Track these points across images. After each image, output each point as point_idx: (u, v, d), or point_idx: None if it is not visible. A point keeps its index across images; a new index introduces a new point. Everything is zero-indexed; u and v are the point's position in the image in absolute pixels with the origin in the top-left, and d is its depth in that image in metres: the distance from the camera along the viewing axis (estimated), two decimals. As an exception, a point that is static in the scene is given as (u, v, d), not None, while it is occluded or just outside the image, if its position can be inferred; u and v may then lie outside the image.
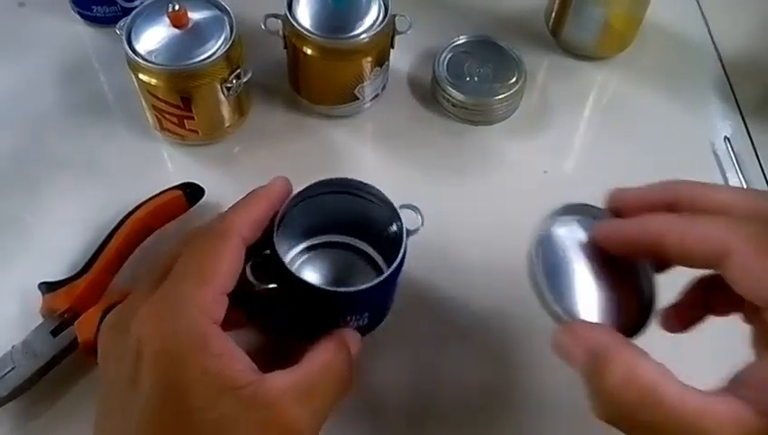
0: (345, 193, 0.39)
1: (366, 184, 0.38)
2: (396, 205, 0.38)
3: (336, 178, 0.38)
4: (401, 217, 0.37)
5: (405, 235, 0.37)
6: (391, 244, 0.37)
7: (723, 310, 0.32)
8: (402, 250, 0.36)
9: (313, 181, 0.37)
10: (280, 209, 0.36)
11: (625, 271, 0.32)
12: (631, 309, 0.32)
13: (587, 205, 0.33)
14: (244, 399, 0.29)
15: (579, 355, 0.27)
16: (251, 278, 0.33)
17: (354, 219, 0.41)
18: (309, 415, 0.30)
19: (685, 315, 0.33)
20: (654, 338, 0.30)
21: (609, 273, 0.32)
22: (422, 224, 0.38)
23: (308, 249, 0.43)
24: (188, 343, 0.29)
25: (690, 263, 0.28)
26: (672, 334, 0.33)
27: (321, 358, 0.33)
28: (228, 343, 0.30)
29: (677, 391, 0.25)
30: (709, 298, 0.33)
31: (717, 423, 0.24)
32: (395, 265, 0.36)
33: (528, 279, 0.31)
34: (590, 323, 0.30)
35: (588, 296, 0.31)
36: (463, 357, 0.42)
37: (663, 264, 0.32)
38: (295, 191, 0.37)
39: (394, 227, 0.38)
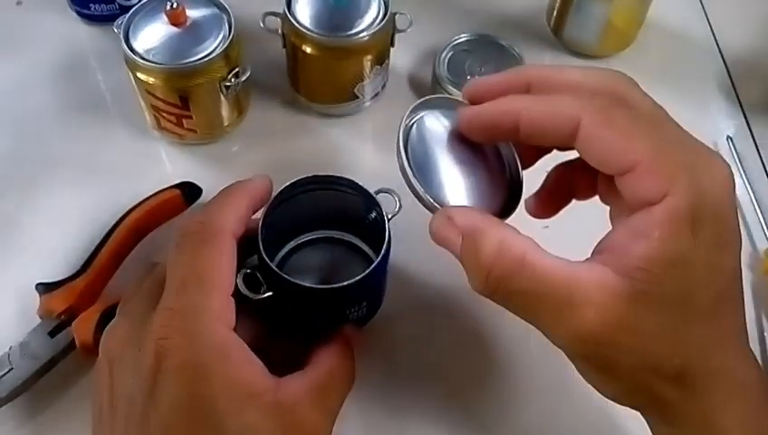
0: (320, 189, 0.39)
1: (338, 176, 0.39)
2: (371, 191, 0.38)
3: (308, 177, 0.38)
4: (379, 203, 0.38)
5: (386, 220, 0.37)
6: (374, 231, 0.38)
7: (584, 193, 0.34)
8: (387, 235, 0.37)
9: (285, 184, 0.37)
10: (261, 217, 0.36)
11: (490, 156, 0.33)
12: (500, 192, 0.33)
13: (447, 97, 0.34)
14: (267, 405, 0.29)
15: (454, 238, 0.29)
16: (244, 291, 0.33)
17: (333, 213, 0.41)
18: (324, 417, 0.32)
19: (550, 201, 0.35)
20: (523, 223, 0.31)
21: (475, 159, 0.33)
22: (399, 206, 0.38)
23: (293, 250, 0.43)
24: (211, 354, 0.29)
25: (545, 139, 0.29)
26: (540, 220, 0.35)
27: (330, 360, 0.34)
28: (246, 349, 0.30)
29: (546, 261, 0.27)
30: (571, 182, 0.34)
31: (584, 286, 0.26)
32: (383, 251, 0.37)
33: (401, 176, 0.32)
34: (462, 207, 0.31)
35: (457, 184, 0.32)
36: (457, 338, 0.42)
37: (527, 150, 0.33)
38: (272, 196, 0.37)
39: (374, 214, 0.39)
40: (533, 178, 0.35)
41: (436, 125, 0.33)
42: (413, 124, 0.33)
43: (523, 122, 0.29)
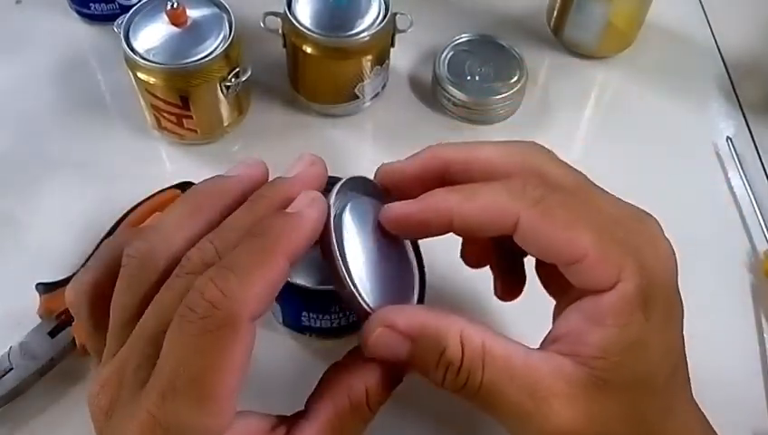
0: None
1: (338, 178, 0.38)
2: None
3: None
4: None
5: None
6: None
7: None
8: None
9: None
10: None
11: (402, 245, 0.32)
12: (413, 282, 0.32)
13: (366, 179, 0.31)
14: None
15: (398, 344, 0.26)
16: None
17: None
18: None
19: (511, 282, 0.34)
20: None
21: (391, 251, 0.30)
22: None
23: None
24: None
25: (483, 235, 0.28)
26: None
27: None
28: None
29: (506, 348, 0.26)
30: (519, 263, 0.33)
31: (546, 378, 0.25)
32: None
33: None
34: (398, 307, 0.28)
35: (379, 279, 0.29)
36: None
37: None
38: None
39: None
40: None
41: (357, 211, 0.29)
42: (338, 214, 0.29)
43: (457, 222, 0.27)
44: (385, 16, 0.46)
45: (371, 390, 0.27)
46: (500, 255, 0.34)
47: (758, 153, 0.51)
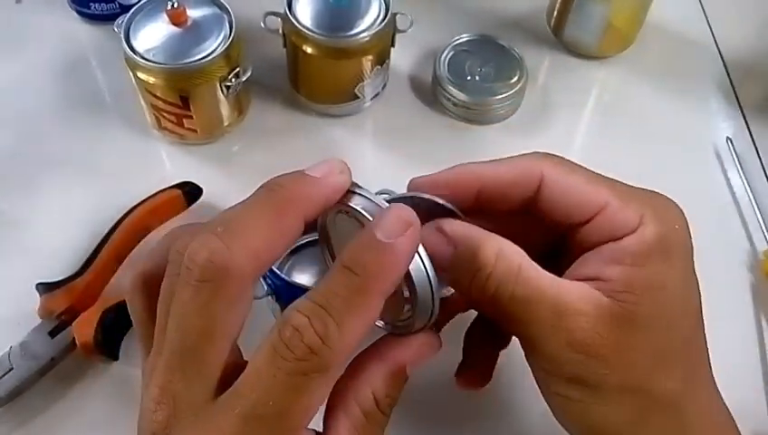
0: None
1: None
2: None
3: None
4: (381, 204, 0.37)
5: None
6: None
7: (504, 340, 0.34)
8: None
9: None
10: None
11: None
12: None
13: (411, 197, 0.31)
14: None
15: (444, 245, 0.28)
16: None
17: None
18: None
19: (479, 372, 0.34)
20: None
21: None
22: None
23: (294, 251, 0.43)
24: None
25: (507, 198, 0.29)
26: None
27: None
28: None
29: (538, 272, 0.27)
30: (485, 339, 0.34)
31: (575, 298, 0.26)
32: None
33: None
34: (448, 220, 0.29)
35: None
36: (457, 340, 0.42)
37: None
38: None
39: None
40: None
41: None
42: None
43: (487, 180, 0.29)
44: (385, 16, 0.46)
45: (378, 393, 0.26)
46: (479, 343, 0.34)
47: (758, 153, 0.51)
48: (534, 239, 0.29)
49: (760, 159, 0.51)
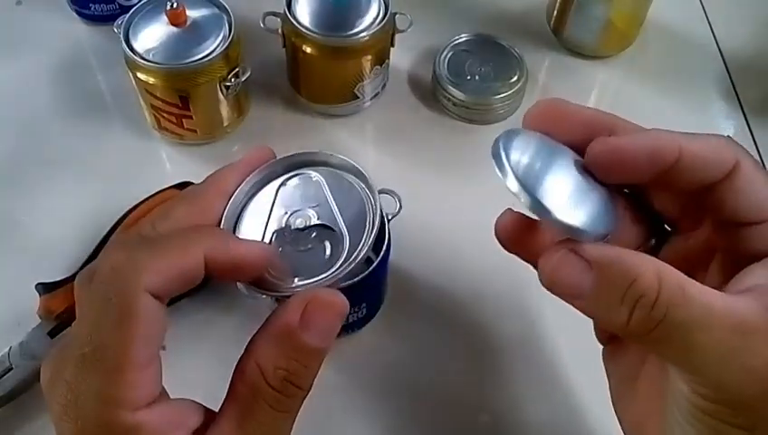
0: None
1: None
2: None
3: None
4: (379, 203, 0.37)
5: (387, 220, 0.37)
6: None
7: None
8: (387, 236, 0.37)
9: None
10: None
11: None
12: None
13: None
14: None
15: (587, 272, 0.24)
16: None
17: None
18: None
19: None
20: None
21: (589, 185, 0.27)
22: (400, 207, 0.38)
23: None
24: None
25: (700, 176, 0.26)
26: None
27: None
28: (161, 418, 0.24)
29: (703, 289, 0.24)
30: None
31: (752, 317, 0.23)
32: (383, 251, 0.37)
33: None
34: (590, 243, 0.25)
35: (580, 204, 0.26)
36: (457, 340, 0.42)
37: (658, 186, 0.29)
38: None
39: None
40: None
41: (537, 143, 0.27)
42: (510, 141, 0.26)
43: (686, 156, 0.26)
44: (385, 16, 0.46)
45: (264, 363, 0.25)
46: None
47: (758, 153, 0.51)
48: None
49: (761, 158, 0.51)
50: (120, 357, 0.23)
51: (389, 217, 0.38)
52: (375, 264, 0.36)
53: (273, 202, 0.31)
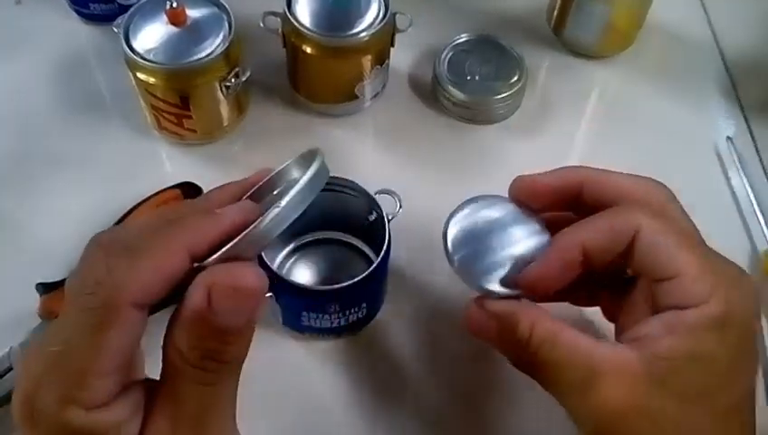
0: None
1: (338, 177, 0.38)
2: (372, 192, 0.38)
3: None
4: (379, 204, 0.38)
5: (387, 221, 0.37)
6: (374, 232, 0.38)
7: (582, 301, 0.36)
8: (387, 236, 0.37)
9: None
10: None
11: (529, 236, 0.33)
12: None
13: (492, 195, 0.34)
14: None
15: (486, 322, 0.31)
16: None
17: (333, 214, 0.41)
18: None
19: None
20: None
21: (515, 242, 0.33)
22: (400, 207, 0.38)
23: (294, 251, 0.43)
24: None
25: (605, 253, 0.30)
26: None
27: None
28: (116, 417, 0.24)
29: (574, 335, 0.29)
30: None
31: (607, 362, 0.28)
32: (383, 252, 0.37)
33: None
34: (496, 298, 0.32)
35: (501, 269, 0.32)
36: (457, 340, 0.42)
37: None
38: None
39: (374, 215, 0.39)
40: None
41: (480, 215, 0.33)
42: (455, 216, 0.33)
43: (589, 246, 0.30)
44: (385, 16, 0.46)
45: (182, 346, 0.24)
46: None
47: (758, 153, 0.51)
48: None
49: (760, 158, 0.51)
50: (87, 362, 0.23)
51: (389, 217, 0.38)
52: (375, 264, 0.36)
53: None
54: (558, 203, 0.33)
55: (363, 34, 0.45)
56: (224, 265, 0.24)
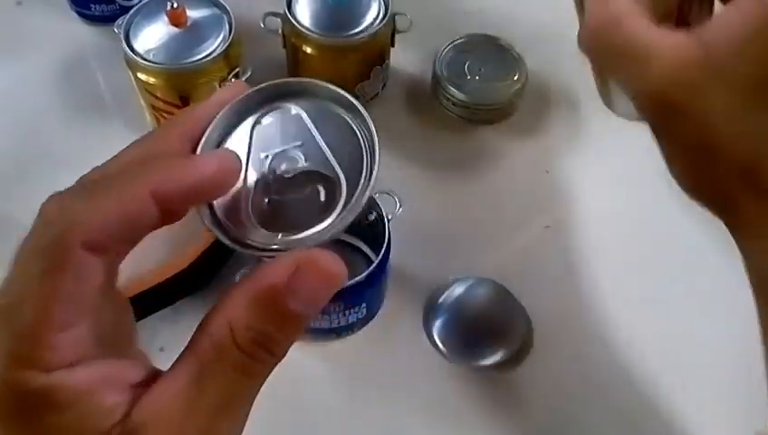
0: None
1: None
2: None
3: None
4: (379, 203, 0.38)
5: (386, 221, 0.37)
6: (374, 231, 0.38)
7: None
8: (387, 236, 0.37)
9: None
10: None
11: None
12: None
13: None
14: None
15: None
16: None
17: None
18: None
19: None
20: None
21: None
22: (399, 207, 0.38)
23: None
24: (24, 404, 0.21)
25: None
26: None
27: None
28: (87, 378, 0.21)
29: (638, 22, 0.26)
30: None
31: (663, 46, 0.26)
32: (382, 252, 0.37)
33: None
34: None
35: None
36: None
37: None
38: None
39: (373, 215, 0.39)
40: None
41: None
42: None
43: None
44: (385, 16, 0.46)
45: (236, 322, 0.22)
46: None
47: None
48: None
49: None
50: (38, 314, 0.21)
51: (389, 217, 0.38)
52: (375, 264, 0.36)
53: (250, 145, 0.26)
54: None
55: (363, 35, 0.45)
56: (313, 249, 0.22)
